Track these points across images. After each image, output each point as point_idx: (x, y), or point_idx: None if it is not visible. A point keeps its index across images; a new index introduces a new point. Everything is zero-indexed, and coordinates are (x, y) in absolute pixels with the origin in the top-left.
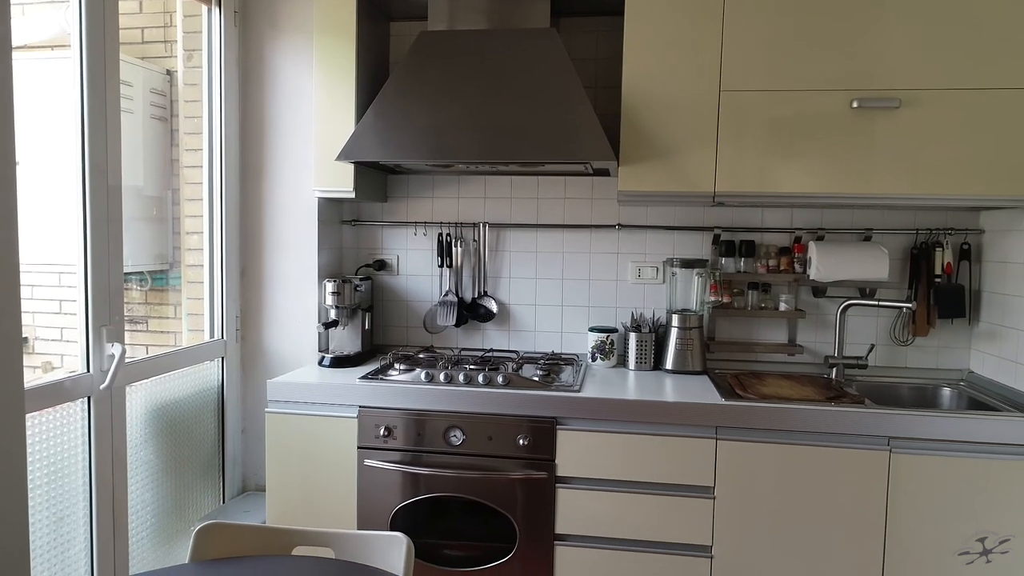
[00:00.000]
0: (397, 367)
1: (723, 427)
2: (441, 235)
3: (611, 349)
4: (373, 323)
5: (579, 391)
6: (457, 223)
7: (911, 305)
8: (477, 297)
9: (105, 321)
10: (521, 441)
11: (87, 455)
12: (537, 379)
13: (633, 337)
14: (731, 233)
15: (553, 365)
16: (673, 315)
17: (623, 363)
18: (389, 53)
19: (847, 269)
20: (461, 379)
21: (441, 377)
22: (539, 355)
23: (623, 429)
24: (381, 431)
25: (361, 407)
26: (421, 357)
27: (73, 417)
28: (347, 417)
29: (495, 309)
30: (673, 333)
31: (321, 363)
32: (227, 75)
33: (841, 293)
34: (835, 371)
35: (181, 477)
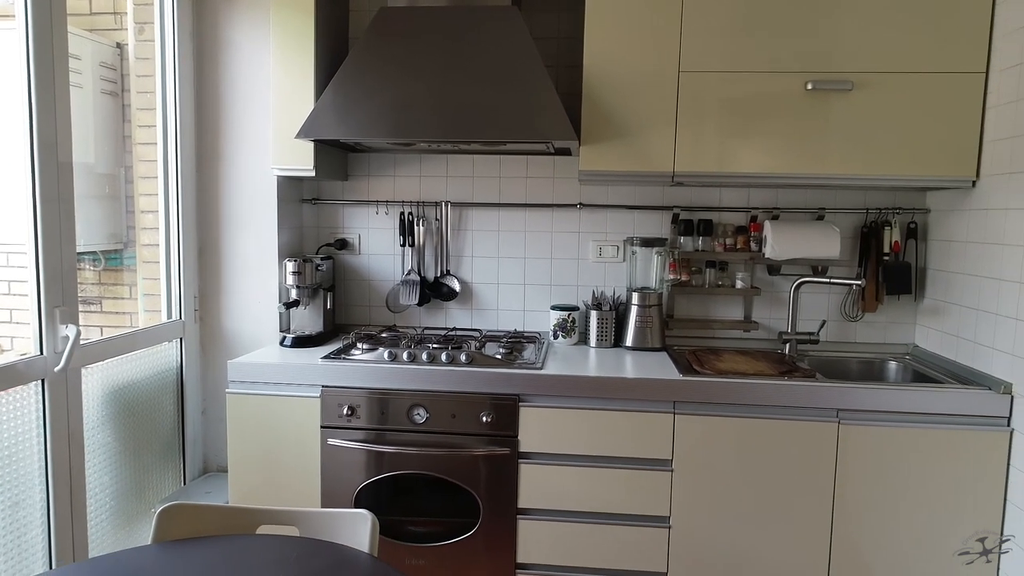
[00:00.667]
0: (360, 347)
1: (681, 402)
2: (403, 214)
3: (573, 327)
4: (335, 303)
5: (541, 368)
6: (419, 202)
7: (860, 282)
8: (440, 276)
9: (58, 302)
10: (484, 418)
11: (42, 438)
12: (500, 357)
13: (594, 315)
14: (690, 212)
15: (516, 343)
16: (633, 293)
17: (584, 340)
18: (348, 29)
19: (801, 247)
20: (424, 358)
21: (404, 356)
22: (502, 333)
23: (584, 405)
24: (344, 410)
25: (324, 387)
26: (384, 336)
27: (27, 400)
28: (310, 397)
29: (458, 288)
30: (633, 311)
31: (283, 343)
32: (181, 49)
33: (795, 271)
34: (788, 346)
35: (141, 459)
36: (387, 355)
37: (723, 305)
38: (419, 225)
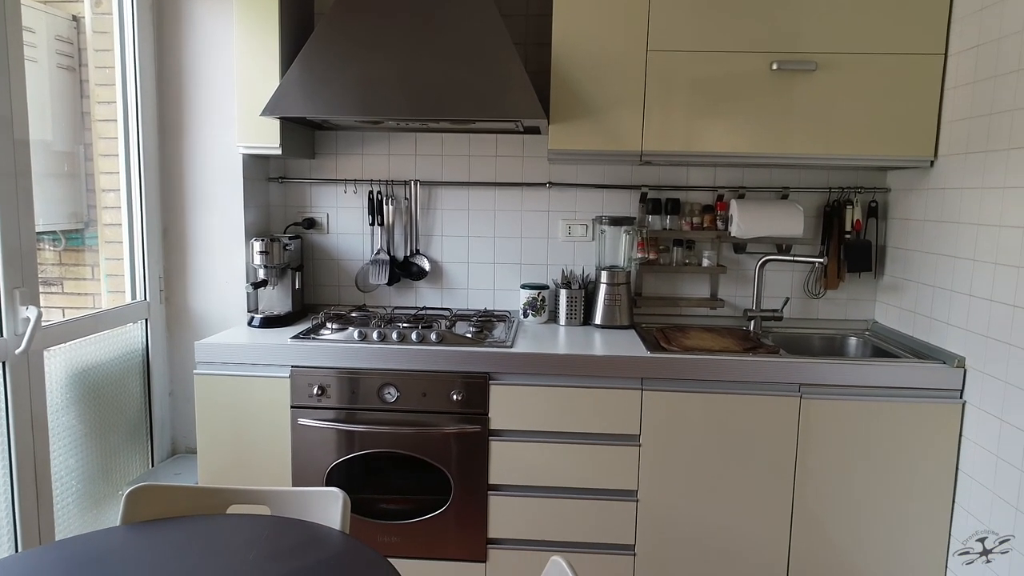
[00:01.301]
0: (329, 326)
1: (648, 378)
2: (372, 193)
3: (542, 305)
4: (303, 282)
5: (511, 347)
6: (388, 180)
7: (823, 260)
8: (409, 255)
9: (18, 283)
10: (455, 396)
11: (5, 421)
12: (470, 336)
13: (563, 293)
14: (658, 191)
15: (486, 322)
16: (602, 272)
17: (554, 319)
18: (314, 4)
19: (766, 226)
20: (394, 337)
21: (374, 336)
22: (472, 312)
23: (554, 382)
24: (314, 390)
25: (293, 367)
26: (354, 316)
27: None
28: (279, 377)
29: (428, 267)
30: (602, 289)
31: (251, 324)
32: (140, 23)
33: (760, 249)
34: (753, 323)
35: (107, 441)
36: (357, 335)
37: (690, 283)
38: (388, 204)
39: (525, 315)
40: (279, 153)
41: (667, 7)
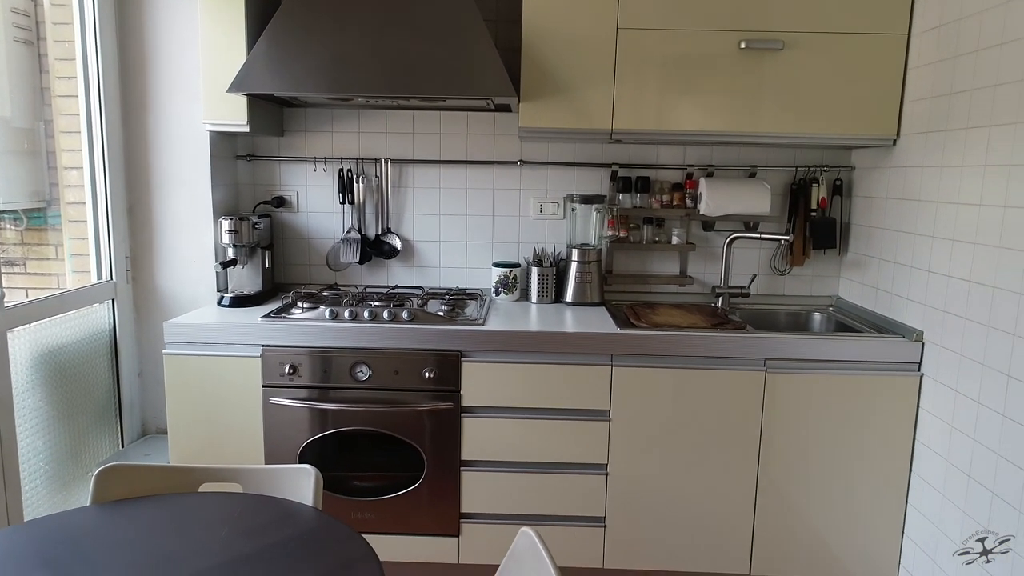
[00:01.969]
0: (300, 305)
1: (618, 355)
2: (342, 171)
3: (514, 283)
4: (274, 261)
5: (483, 324)
6: (358, 159)
7: (788, 237)
8: (381, 234)
9: None
10: (427, 374)
11: None
12: (442, 314)
13: (535, 271)
14: (628, 169)
15: (458, 300)
16: (573, 249)
17: (526, 297)
18: None
19: (734, 204)
20: (366, 316)
21: (346, 314)
22: (444, 291)
23: (525, 359)
24: (286, 369)
25: (264, 346)
26: (325, 295)
27: None
28: (250, 356)
29: (399, 246)
30: (573, 267)
31: (220, 303)
32: None
33: (728, 227)
34: (721, 300)
35: (75, 423)
36: (328, 313)
37: (660, 260)
38: (359, 182)
39: (497, 293)
40: (247, 130)
41: None
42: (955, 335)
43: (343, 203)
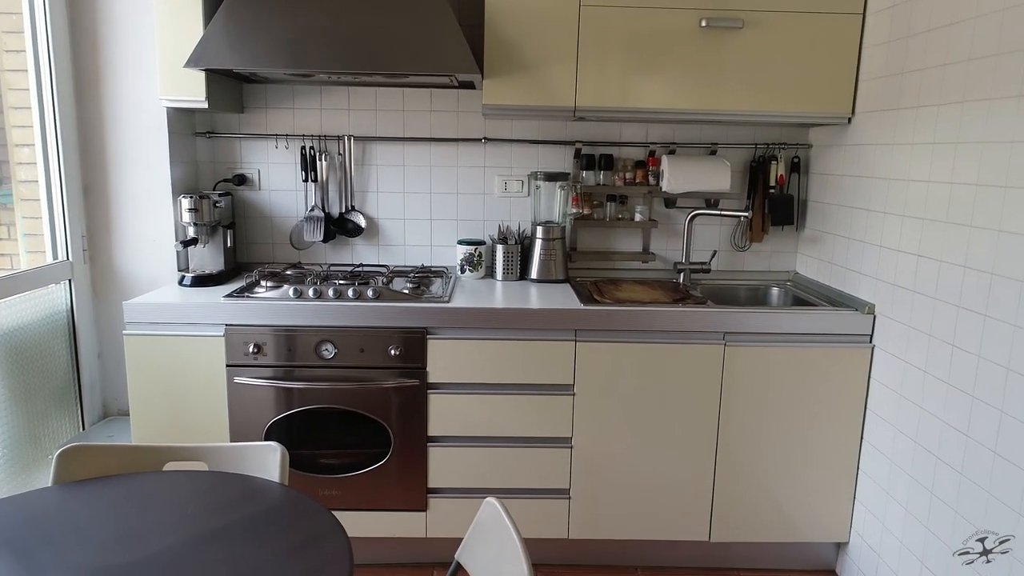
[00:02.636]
0: (264, 284)
1: (582, 330)
2: (304, 148)
3: (479, 261)
4: (236, 240)
5: (448, 302)
6: (321, 136)
7: (748, 214)
8: (344, 212)
9: None
10: (393, 351)
11: None
12: (407, 292)
13: (500, 249)
14: (591, 147)
15: (423, 278)
16: (537, 227)
17: (491, 274)
18: None
19: (695, 181)
20: (331, 294)
21: (310, 293)
22: (409, 269)
23: (491, 336)
24: (250, 348)
25: (228, 325)
26: (288, 274)
27: None
28: (213, 336)
29: (363, 224)
30: (537, 244)
31: (182, 283)
32: None
33: (689, 204)
34: (683, 276)
35: (33, 406)
36: (292, 292)
37: (623, 237)
38: (321, 160)
39: (462, 271)
40: (205, 107)
41: None
42: (904, 308)
43: (306, 181)
